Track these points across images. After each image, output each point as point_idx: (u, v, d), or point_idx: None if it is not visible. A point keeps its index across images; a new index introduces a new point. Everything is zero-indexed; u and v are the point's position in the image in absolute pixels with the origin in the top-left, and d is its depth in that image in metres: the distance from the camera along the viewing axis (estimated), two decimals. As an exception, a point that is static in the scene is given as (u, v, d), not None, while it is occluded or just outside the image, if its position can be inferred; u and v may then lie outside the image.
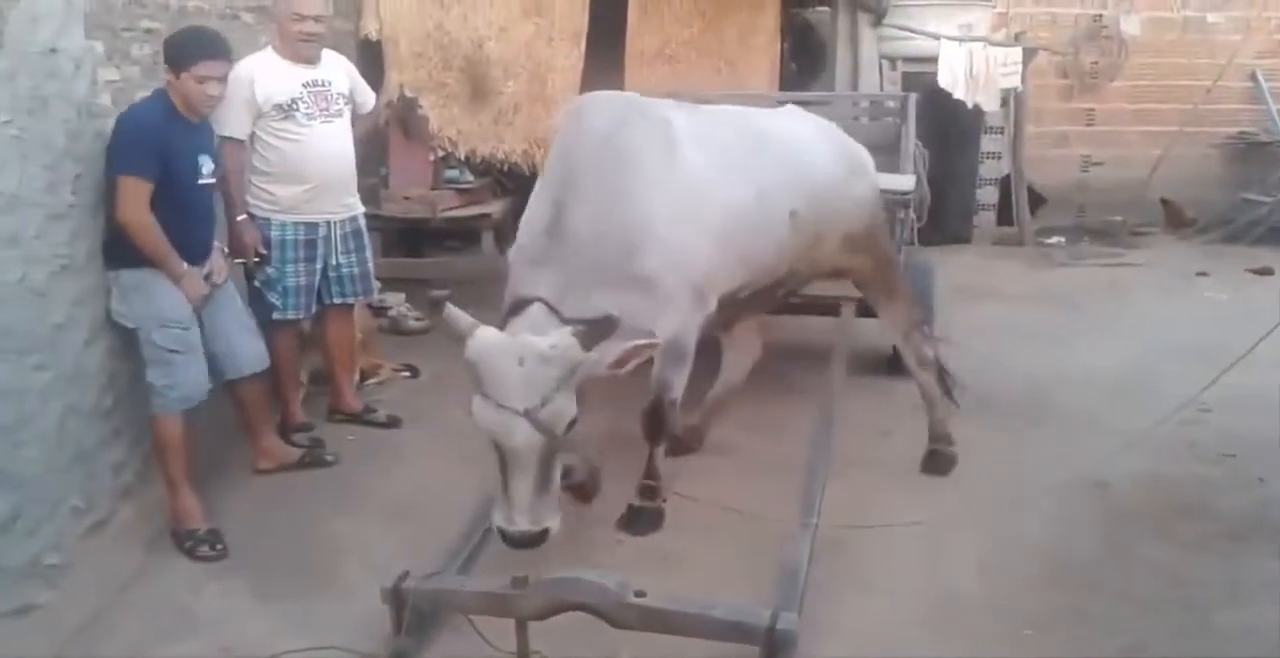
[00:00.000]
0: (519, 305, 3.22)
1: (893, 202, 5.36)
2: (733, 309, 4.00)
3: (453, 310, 3.07)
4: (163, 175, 3.78)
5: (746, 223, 3.84)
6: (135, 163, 3.72)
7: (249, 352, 4.25)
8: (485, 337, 3.03)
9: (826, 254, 4.36)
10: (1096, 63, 10.22)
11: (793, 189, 4.05)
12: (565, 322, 3.14)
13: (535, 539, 3.06)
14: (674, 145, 3.63)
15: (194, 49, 3.84)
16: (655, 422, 3.87)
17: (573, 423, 3.08)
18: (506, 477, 3.03)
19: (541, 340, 3.02)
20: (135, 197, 3.72)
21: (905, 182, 5.56)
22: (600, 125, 3.47)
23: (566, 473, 3.38)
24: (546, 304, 3.18)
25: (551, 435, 2.98)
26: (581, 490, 3.85)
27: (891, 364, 5.77)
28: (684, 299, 3.61)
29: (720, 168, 3.77)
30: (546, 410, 2.97)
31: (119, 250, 3.81)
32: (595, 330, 3.03)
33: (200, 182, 3.98)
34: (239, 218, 4.57)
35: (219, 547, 3.89)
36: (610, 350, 3.12)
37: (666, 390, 3.77)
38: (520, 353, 2.98)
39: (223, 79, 3.91)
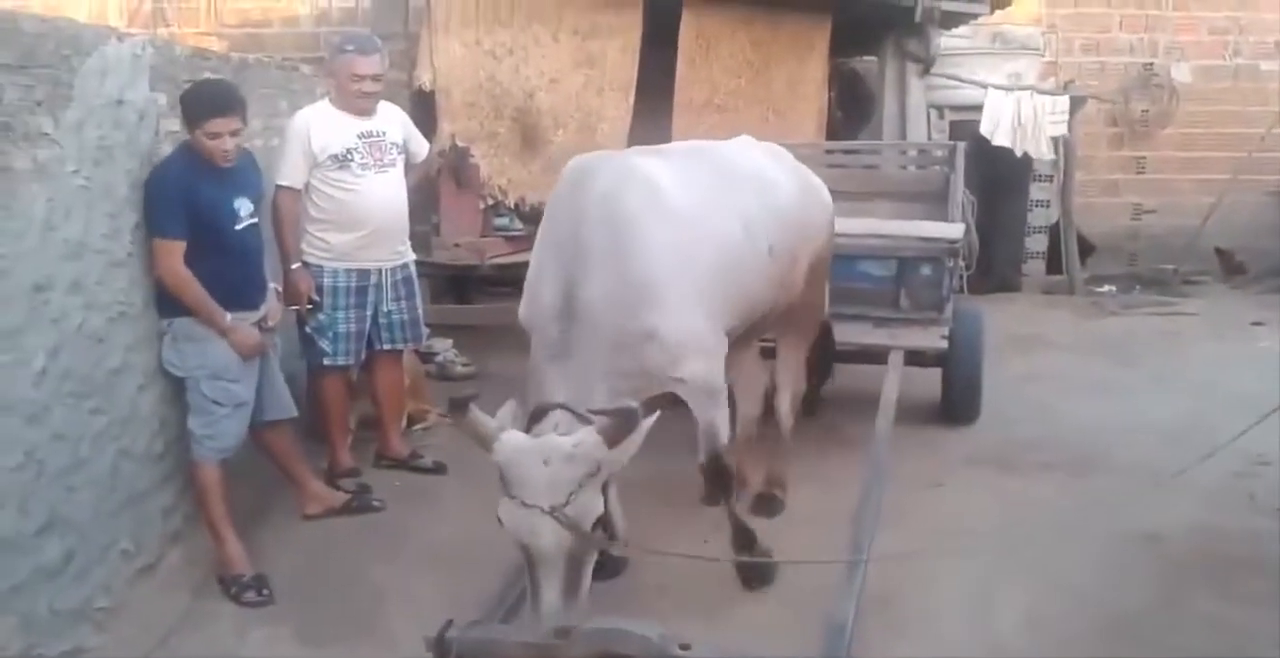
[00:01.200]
0: (540, 412, 3.21)
1: (941, 250, 5.35)
2: (730, 347, 4.00)
3: (476, 413, 3.07)
4: (197, 227, 3.82)
5: (738, 259, 3.85)
6: (162, 225, 3.78)
7: (278, 398, 4.30)
8: (511, 440, 3.04)
9: (797, 282, 4.36)
10: (1147, 111, 10.21)
11: (769, 220, 4.07)
12: (587, 421, 3.14)
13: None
14: (663, 198, 3.63)
15: (203, 106, 3.84)
16: (718, 474, 3.80)
17: (599, 521, 3.07)
18: (534, 579, 3.01)
19: (565, 440, 3.03)
20: (168, 257, 3.79)
21: (953, 230, 5.55)
22: (594, 195, 3.47)
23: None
24: (569, 410, 3.19)
25: (578, 533, 2.98)
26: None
27: (944, 413, 5.74)
28: (701, 340, 3.60)
29: (708, 209, 3.78)
30: (572, 508, 2.96)
31: (171, 300, 3.87)
32: (618, 426, 3.03)
33: (239, 226, 3.99)
34: (293, 266, 4.65)
35: (265, 592, 3.91)
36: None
37: (715, 438, 3.72)
38: (545, 453, 2.99)
39: (236, 132, 3.90)
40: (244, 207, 4.02)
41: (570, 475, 2.97)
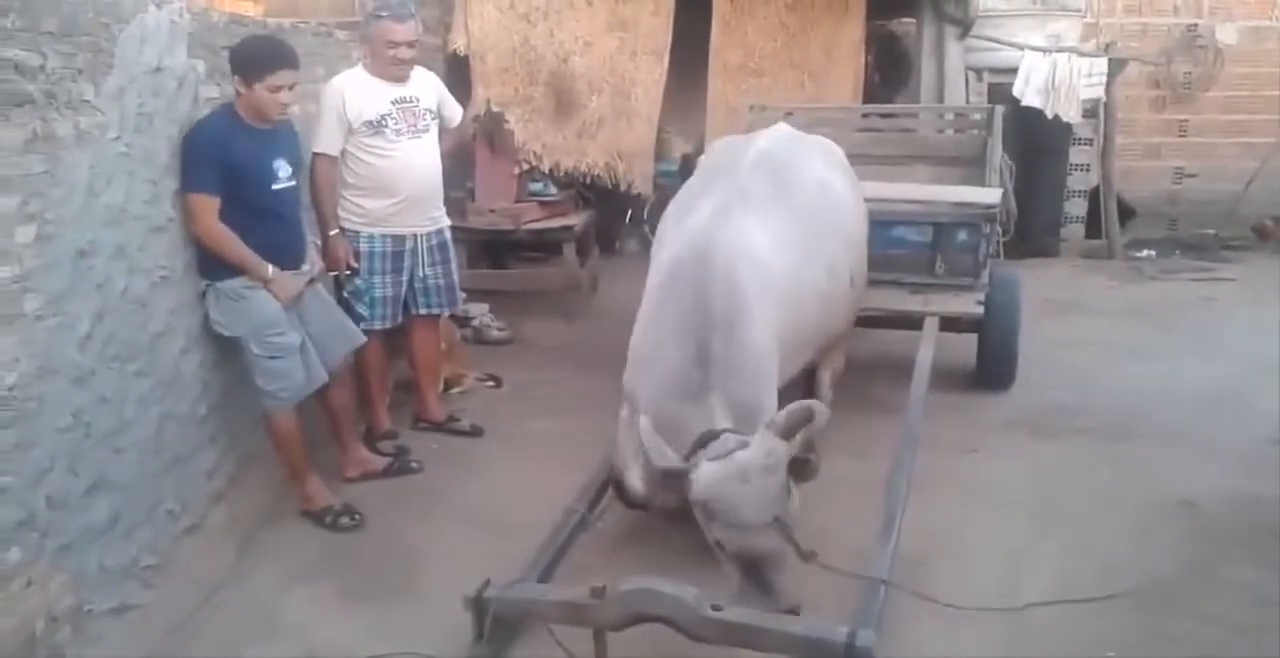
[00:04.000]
0: (707, 438, 3.25)
1: (977, 216, 5.32)
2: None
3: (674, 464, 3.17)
4: (233, 186, 3.88)
5: (823, 299, 4.09)
6: (198, 180, 3.83)
7: (339, 337, 4.39)
8: (705, 473, 3.10)
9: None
10: (1190, 73, 10.02)
11: (846, 252, 4.29)
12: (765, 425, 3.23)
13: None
14: (768, 271, 3.73)
15: (267, 59, 3.90)
16: None
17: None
18: (763, 573, 3.10)
19: (755, 454, 3.11)
20: (202, 211, 3.84)
21: (990, 195, 5.50)
22: (718, 263, 3.55)
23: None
24: (734, 432, 3.26)
25: (794, 543, 3.09)
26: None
27: (979, 379, 5.72)
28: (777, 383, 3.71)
29: (800, 260, 3.93)
30: (788, 512, 3.11)
31: (207, 263, 3.94)
32: (792, 421, 3.17)
33: (276, 187, 4.05)
34: (331, 233, 4.69)
35: (356, 517, 4.17)
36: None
37: None
38: (743, 474, 3.08)
39: (294, 87, 3.98)
40: (283, 168, 4.08)
41: (774, 485, 3.09)
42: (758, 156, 4.29)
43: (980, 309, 5.33)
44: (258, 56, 3.91)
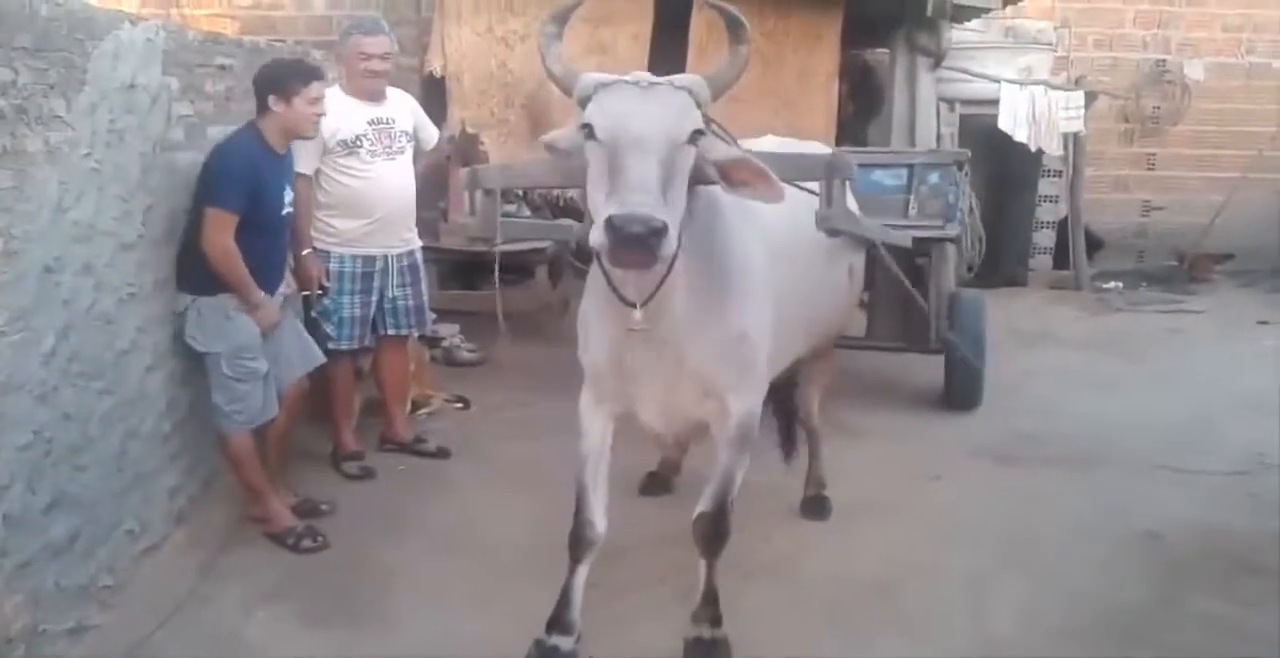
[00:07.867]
0: None
1: (949, 159, 5.67)
2: None
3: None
4: (251, 208, 3.92)
5: (823, 289, 3.92)
6: (224, 197, 3.86)
7: (299, 358, 4.36)
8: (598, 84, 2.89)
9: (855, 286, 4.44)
10: (1158, 107, 10.18)
11: (804, 292, 3.76)
12: None
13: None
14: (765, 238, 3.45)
15: (304, 73, 4.05)
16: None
17: None
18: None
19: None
20: (220, 229, 3.86)
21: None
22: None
23: None
24: None
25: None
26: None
27: (947, 398, 5.75)
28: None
29: (798, 241, 3.62)
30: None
31: (198, 278, 3.93)
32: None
33: (284, 212, 4.16)
34: (304, 252, 4.67)
35: (319, 538, 4.14)
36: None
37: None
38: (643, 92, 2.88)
39: (322, 101, 4.12)
40: (288, 195, 4.18)
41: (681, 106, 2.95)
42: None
43: (953, 232, 5.54)
44: (292, 72, 4.05)
